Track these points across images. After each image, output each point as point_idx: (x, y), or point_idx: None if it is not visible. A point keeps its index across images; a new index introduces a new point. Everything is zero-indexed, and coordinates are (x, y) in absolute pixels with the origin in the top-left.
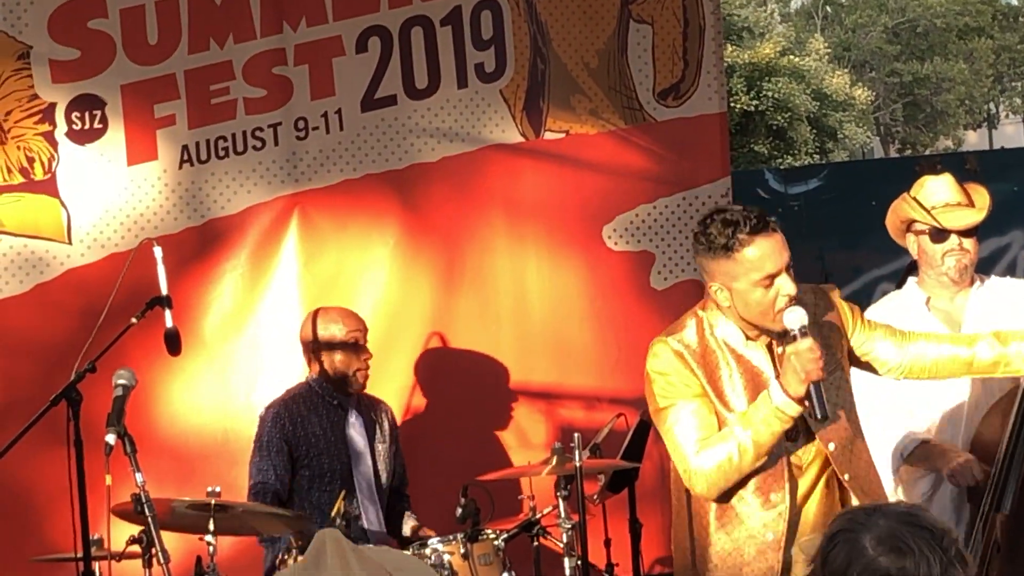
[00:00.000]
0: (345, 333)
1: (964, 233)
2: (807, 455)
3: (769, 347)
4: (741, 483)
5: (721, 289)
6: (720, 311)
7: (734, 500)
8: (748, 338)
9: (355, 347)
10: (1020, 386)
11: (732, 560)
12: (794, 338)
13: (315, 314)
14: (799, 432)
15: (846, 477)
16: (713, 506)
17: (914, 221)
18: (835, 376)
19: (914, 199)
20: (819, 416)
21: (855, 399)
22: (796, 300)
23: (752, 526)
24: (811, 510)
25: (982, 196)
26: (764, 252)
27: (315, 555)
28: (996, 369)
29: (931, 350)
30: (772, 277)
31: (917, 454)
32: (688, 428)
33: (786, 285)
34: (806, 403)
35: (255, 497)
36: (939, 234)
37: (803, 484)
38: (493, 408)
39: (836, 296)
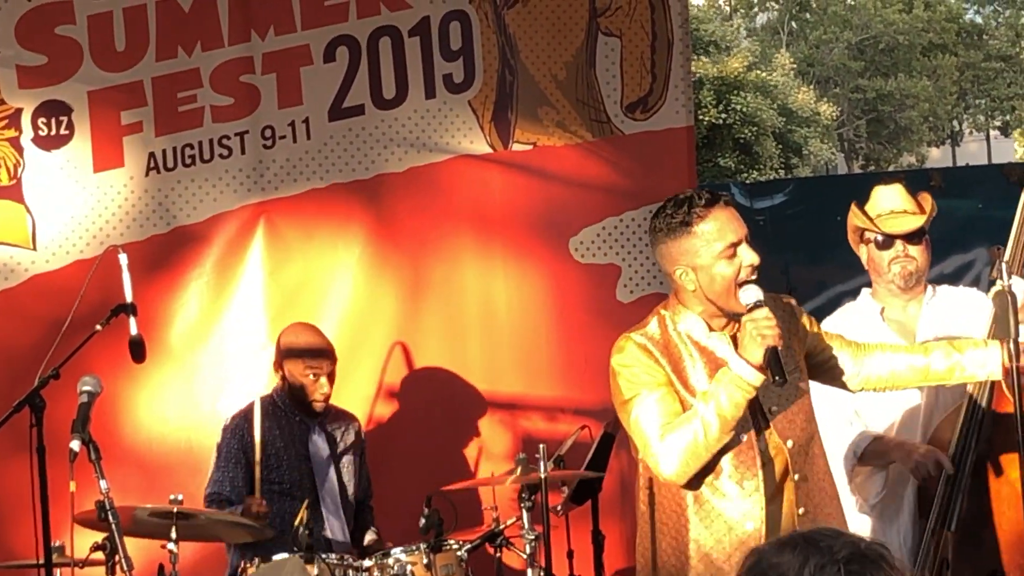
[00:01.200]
0: (306, 358)
1: (909, 240)
2: (770, 448)
3: (733, 338)
4: (714, 473)
5: (686, 271)
6: (682, 304)
7: (709, 493)
8: (711, 329)
9: (314, 374)
10: (964, 403)
11: (713, 556)
12: (751, 310)
13: (290, 325)
14: (759, 425)
15: (796, 478)
16: (690, 501)
17: (863, 230)
18: (793, 377)
19: (860, 208)
20: (778, 380)
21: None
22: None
23: (730, 517)
24: (785, 508)
25: (927, 203)
26: (722, 222)
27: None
28: (951, 376)
29: (887, 361)
30: (734, 246)
31: (870, 451)
32: (652, 415)
33: (748, 255)
34: (766, 371)
35: (209, 506)
36: (885, 242)
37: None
38: (457, 419)
39: (795, 306)
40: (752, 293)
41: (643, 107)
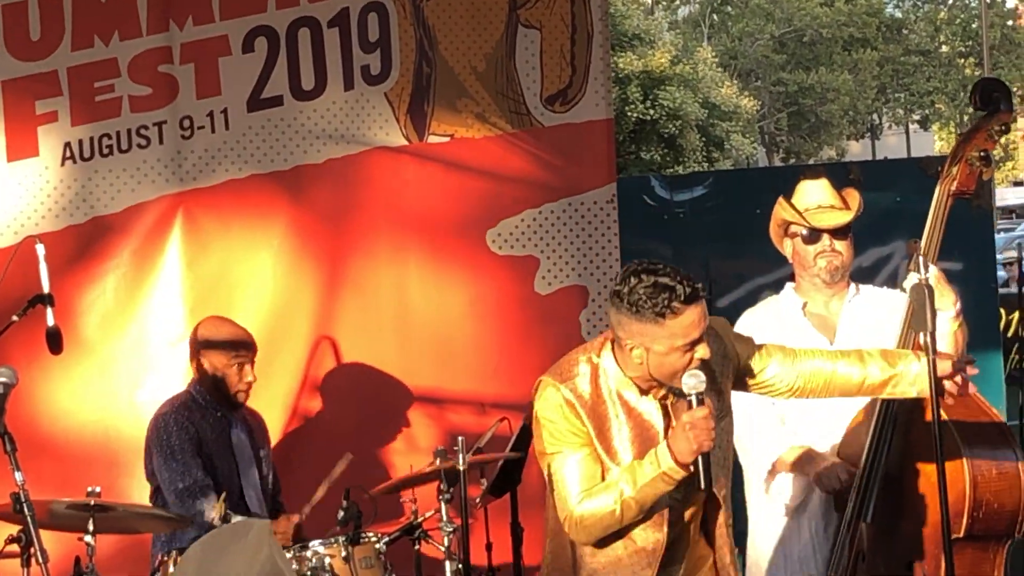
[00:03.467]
0: (230, 350)
1: (835, 235)
2: (686, 504)
3: (662, 400)
4: (619, 531)
5: (638, 348)
6: (618, 363)
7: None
8: (642, 392)
9: (239, 364)
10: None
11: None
12: (690, 404)
13: (205, 319)
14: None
15: (730, 522)
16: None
17: (789, 224)
18: (725, 422)
19: (788, 202)
20: (702, 487)
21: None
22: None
23: (627, 564)
24: (681, 553)
25: (855, 199)
26: (692, 321)
27: (243, 528)
28: (884, 390)
29: (824, 369)
30: (694, 344)
31: (787, 456)
32: (573, 477)
33: (701, 351)
34: (690, 468)
35: (193, 498)
36: (811, 235)
37: (677, 527)
38: (379, 412)
39: (728, 333)
40: (695, 383)
41: (563, 99)
